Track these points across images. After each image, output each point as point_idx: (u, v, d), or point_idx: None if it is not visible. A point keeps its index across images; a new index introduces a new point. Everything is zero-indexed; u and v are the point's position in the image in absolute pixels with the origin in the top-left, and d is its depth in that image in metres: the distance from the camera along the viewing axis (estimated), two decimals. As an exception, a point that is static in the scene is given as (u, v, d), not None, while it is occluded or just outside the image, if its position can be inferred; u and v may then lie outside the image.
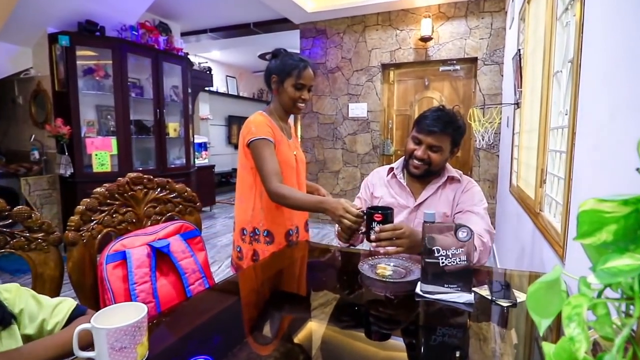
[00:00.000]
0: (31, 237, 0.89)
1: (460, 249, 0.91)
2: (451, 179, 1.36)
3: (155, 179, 1.23)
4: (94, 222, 1.02)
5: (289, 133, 1.49)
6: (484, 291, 0.94)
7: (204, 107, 6.79)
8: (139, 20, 3.91)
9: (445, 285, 0.92)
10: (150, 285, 1.02)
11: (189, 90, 4.41)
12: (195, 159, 4.88)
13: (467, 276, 0.92)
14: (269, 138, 1.32)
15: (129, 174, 1.15)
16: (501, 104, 3.00)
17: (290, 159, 1.42)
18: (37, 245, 0.90)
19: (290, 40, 4.82)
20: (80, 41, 3.31)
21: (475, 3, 3.49)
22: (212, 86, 6.44)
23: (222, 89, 7.28)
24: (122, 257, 1.01)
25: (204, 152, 6.34)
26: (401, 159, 1.44)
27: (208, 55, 6.76)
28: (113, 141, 3.56)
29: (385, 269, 1.06)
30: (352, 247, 1.39)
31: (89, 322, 0.61)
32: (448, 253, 0.91)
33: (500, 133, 3.50)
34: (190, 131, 4.43)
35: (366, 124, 4.17)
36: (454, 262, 0.91)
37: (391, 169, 1.43)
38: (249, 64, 7.42)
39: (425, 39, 3.65)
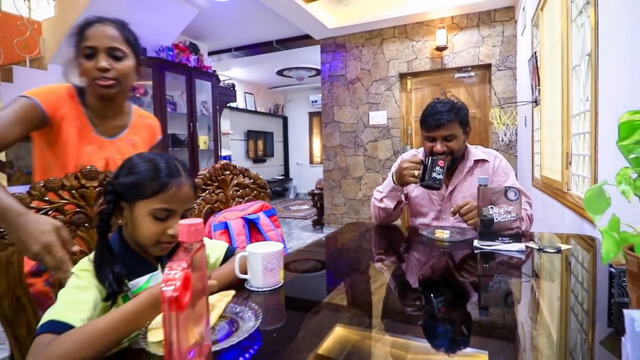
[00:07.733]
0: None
1: (511, 207, 1.10)
2: (480, 162, 1.44)
3: (237, 167, 1.46)
4: (201, 197, 1.24)
5: (109, 129, 1.11)
6: (532, 243, 1.13)
7: (225, 123, 7.11)
8: (173, 42, 4.24)
9: (499, 239, 1.11)
10: (247, 250, 1.24)
11: (217, 106, 4.71)
12: (222, 171, 5.14)
13: (517, 235, 1.11)
14: (37, 102, 0.97)
15: (220, 160, 1.37)
16: (519, 102, 3.20)
17: (86, 162, 0.96)
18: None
19: (310, 55, 5.13)
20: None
21: (486, 14, 3.75)
22: (235, 101, 6.78)
23: (242, 105, 7.62)
24: (225, 227, 1.23)
25: (227, 165, 6.63)
26: (422, 149, 1.51)
27: (229, 73, 7.11)
28: (152, 153, 3.84)
29: (443, 233, 1.26)
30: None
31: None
32: (500, 210, 1.11)
33: (517, 134, 3.69)
34: (219, 144, 4.71)
35: (386, 131, 4.39)
36: (506, 218, 1.11)
37: None
38: (266, 80, 7.77)
39: (440, 49, 3.90)
